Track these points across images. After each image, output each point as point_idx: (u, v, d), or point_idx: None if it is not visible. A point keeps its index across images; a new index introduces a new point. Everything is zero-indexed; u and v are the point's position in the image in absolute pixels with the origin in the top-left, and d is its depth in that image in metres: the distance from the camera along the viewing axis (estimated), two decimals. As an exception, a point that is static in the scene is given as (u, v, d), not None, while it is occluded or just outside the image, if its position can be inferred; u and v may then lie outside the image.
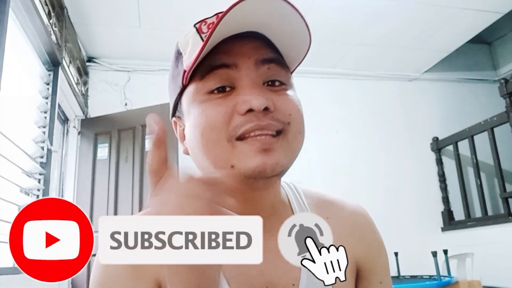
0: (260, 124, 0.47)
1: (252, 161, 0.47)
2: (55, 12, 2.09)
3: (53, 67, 2.07)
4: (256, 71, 0.50)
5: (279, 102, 0.49)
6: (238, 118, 0.47)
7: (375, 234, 0.63)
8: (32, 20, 1.71)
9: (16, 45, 1.72)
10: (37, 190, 1.87)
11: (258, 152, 0.47)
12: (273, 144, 0.47)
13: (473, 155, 3.00)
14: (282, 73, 0.52)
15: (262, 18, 0.48)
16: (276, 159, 0.47)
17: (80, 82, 2.73)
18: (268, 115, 0.47)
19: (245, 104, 0.47)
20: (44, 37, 1.85)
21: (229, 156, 0.48)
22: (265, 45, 0.51)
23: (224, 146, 0.48)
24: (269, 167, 0.47)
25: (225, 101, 0.48)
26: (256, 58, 0.50)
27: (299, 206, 0.59)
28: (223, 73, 0.49)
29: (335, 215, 0.60)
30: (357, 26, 2.79)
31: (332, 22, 2.72)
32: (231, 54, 0.49)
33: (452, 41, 3.09)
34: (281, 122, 0.48)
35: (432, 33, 2.93)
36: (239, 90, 0.49)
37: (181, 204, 0.36)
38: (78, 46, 2.67)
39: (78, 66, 2.68)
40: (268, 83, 0.51)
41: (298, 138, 0.51)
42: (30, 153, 1.82)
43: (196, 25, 0.52)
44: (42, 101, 1.95)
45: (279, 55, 0.52)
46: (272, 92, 0.50)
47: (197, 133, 0.49)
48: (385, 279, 0.61)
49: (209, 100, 0.49)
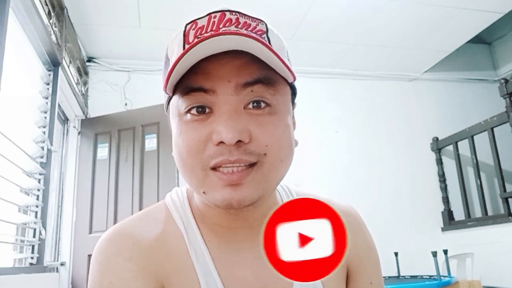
0: (229, 159, 0.46)
1: (219, 195, 0.47)
2: (55, 12, 2.09)
3: (53, 67, 2.07)
4: (237, 96, 0.47)
5: (257, 131, 0.47)
6: (211, 148, 0.47)
7: (365, 235, 0.63)
8: (32, 20, 1.71)
9: (16, 45, 1.72)
10: (37, 190, 1.87)
11: (225, 186, 0.47)
12: (242, 179, 0.47)
13: (473, 155, 3.01)
14: (269, 93, 0.48)
15: (239, 45, 0.46)
16: (243, 194, 0.47)
17: (80, 82, 2.73)
18: (241, 147, 0.46)
19: (218, 136, 0.46)
20: (44, 37, 1.85)
21: (201, 184, 0.49)
22: (251, 62, 0.48)
23: (198, 174, 0.48)
24: (235, 202, 0.47)
25: (201, 127, 0.48)
26: (237, 82, 0.47)
27: None
28: (200, 96, 0.47)
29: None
30: (357, 26, 2.79)
31: (332, 22, 2.72)
32: (211, 77, 0.47)
33: (452, 41, 3.09)
34: (255, 155, 0.47)
35: (432, 33, 2.93)
36: (216, 116, 0.47)
37: None
38: (78, 46, 2.67)
39: (78, 66, 2.68)
40: (253, 104, 0.48)
41: (277, 167, 0.49)
42: (30, 153, 1.82)
43: (187, 26, 0.50)
44: (42, 101, 1.95)
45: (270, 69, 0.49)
46: (251, 119, 0.47)
47: (177, 154, 0.50)
48: (376, 279, 0.61)
49: (187, 122, 0.49)
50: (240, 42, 0.45)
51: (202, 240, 0.54)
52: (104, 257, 0.51)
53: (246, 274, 0.53)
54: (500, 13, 2.74)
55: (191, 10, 2.41)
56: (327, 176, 3.14)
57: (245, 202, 0.47)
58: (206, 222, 0.56)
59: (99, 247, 0.52)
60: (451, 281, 2.24)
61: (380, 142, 3.36)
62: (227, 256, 0.54)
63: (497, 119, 2.76)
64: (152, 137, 2.55)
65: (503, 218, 2.70)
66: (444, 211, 3.29)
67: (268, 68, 0.49)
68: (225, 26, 0.49)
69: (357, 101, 3.45)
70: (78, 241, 2.46)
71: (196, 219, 0.56)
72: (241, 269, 0.53)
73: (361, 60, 3.31)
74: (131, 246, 0.51)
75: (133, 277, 0.49)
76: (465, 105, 3.64)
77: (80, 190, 2.57)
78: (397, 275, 2.69)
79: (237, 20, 0.50)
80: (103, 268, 0.50)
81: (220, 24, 0.49)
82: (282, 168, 0.50)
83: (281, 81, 0.51)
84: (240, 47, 0.46)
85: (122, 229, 0.54)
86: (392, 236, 3.02)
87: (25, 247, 1.79)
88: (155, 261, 0.51)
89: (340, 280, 0.58)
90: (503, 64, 3.84)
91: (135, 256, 0.51)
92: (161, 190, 2.42)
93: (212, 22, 0.49)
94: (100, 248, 0.52)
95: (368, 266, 0.61)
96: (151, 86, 2.97)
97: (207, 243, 0.54)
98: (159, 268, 0.51)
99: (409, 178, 3.33)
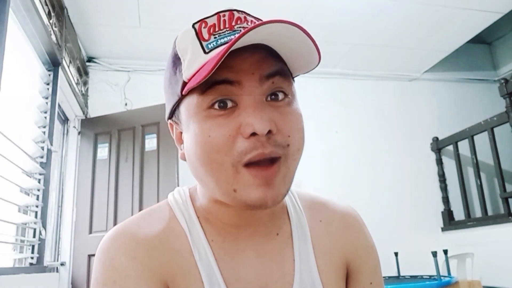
0: (264, 152, 0.46)
1: (255, 193, 0.47)
2: (55, 12, 2.09)
3: (53, 67, 2.07)
4: (260, 88, 0.48)
5: (280, 122, 0.48)
6: (242, 143, 0.46)
7: (365, 235, 0.63)
8: (32, 20, 1.71)
9: (16, 45, 1.72)
10: (37, 190, 1.87)
11: (260, 185, 0.47)
12: (274, 177, 0.47)
13: (473, 155, 3.00)
14: (286, 84, 0.50)
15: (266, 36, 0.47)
16: (277, 191, 0.48)
17: (80, 82, 2.73)
18: (271, 139, 0.47)
19: (249, 128, 0.46)
20: (44, 37, 1.85)
21: (232, 181, 0.48)
22: (269, 56, 0.49)
23: (228, 170, 0.47)
24: (270, 200, 0.47)
25: (228, 121, 0.47)
26: (261, 74, 0.48)
27: (294, 208, 0.61)
28: (225, 89, 0.47)
29: (327, 218, 0.62)
30: (357, 26, 2.79)
31: (332, 22, 2.72)
32: (234, 70, 0.47)
33: (452, 41, 3.09)
34: (281, 146, 0.48)
35: (432, 33, 2.93)
36: (241, 109, 0.47)
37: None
38: (78, 46, 2.67)
39: (78, 66, 2.68)
40: (272, 96, 0.49)
41: (296, 158, 0.50)
42: (30, 153, 1.82)
43: (196, 26, 0.50)
44: (42, 101, 1.95)
45: (283, 63, 0.51)
46: (274, 110, 0.49)
47: (200, 152, 0.48)
48: (376, 280, 0.61)
49: (211, 118, 0.48)
50: (288, 31, 0.45)
51: (205, 239, 0.54)
52: (108, 257, 0.51)
53: (248, 273, 0.53)
54: (500, 13, 2.74)
55: (191, 10, 2.41)
56: (327, 176, 3.14)
57: (278, 200, 0.48)
58: (211, 221, 0.56)
59: (103, 246, 0.52)
60: (451, 281, 2.24)
61: (380, 142, 3.36)
62: (230, 256, 0.54)
63: (497, 119, 2.76)
64: (152, 137, 2.55)
65: (503, 218, 2.70)
66: (444, 211, 3.29)
67: (282, 62, 0.51)
68: (237, 24, 0.50)
69: (357, 101, 3.45)
70: (78, 241, 2.46)
71: (200, 218, 0.56)
72: (244, 269, 0.54)
73: (361, 60, 3.31)
74: (135, 245, 0.51)
75: (137, 276, 0.49)
76: (465, 105, 3.64)
77: (80, 190, 2.57)
78: (397, 275, 2.69)
79: (245, 18, 0.51)
80: (107, 267, 0.50)
81: (232, 22, 0.50)
82: (299, 157, 0.51)
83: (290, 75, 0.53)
84: (286, 36, 0.46)
85: (126, 229, 0.53)
86: (392, 236, 3.02)
87: (25, 247, 1.79)
88: (159, 260, 0.51)
89: (340, 279, 0.58)
90: (503, 64, 3.84)
91: (139, 255, 0.51)
92: (161, 190, 2.41)
93: (223, 20, 0.50)
94: (104, 247, 0.52)
95: (368, 266, 0.61)
96: (151, 86, 2.97)
97: (211, 242, 0.54)
98: (163, 268, 0.51)
99: (409, 178, 3.33)
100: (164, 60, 3.21)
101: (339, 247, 0.60)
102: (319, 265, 0.56)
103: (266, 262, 0.55)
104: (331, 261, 0.58)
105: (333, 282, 0.57)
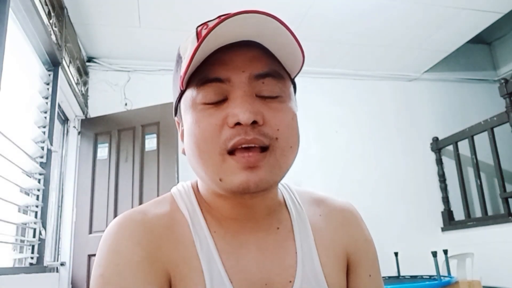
0: (246, 139, 0.48)
1: (237, 178, 0.49)
2: (55, 12, 2.09)
3: (53, 67, 2.07)
4: (249, 85, 0.50)
5: (269, 115, 0.50)
6: (227, 131, 0.49)
7: (363, 230, 0.65)
8: (32, 20, 1.71)
9: (16, 45, 1.72)
10: (37, 190, 1.87)
11: (243, 169, 0.48)
12: (259, 162, 0.49)
13: (473, 155, 3.00)
14: (278, 86, 0.52)
15: (252, 31, 0.49)
16: (260, 177, 0.49)
17: (80, 82, 2.73)
18: (256, 129, 0.49)
19: (234, 118, 0.48)
20: (44, 37, 1.85)
21: (218, 170, 0.50)
22: (262, 55, 0.52)
23: (215, 159, 0.49)
24: (252, 184, 0.48)
25: (217, 112, 0.50)
26: (251, 73, 0.50)
27: (293, 204, 0.62)
28: (217, 86, 0.50)
29: (326, 212, 0.63)
30: (357, 26, 2.79)
31: (332, 22, 2.72)
32: (225, 67, 0.50)
33: (452, 41, 3.09)
34: (268, 137, 0.49)
35: (432, 33, 2.93)
36: (230, 101, 0.50)
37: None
38: (78, 46, 2.67)
39: (78, 66, 2.68)
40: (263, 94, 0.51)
41: (287, 154, 0.51)
42: (30, 153, 1.82)
43: (198, 28, 0.54)
44: (42, 101, 1.95)
45: (278, 63, 0.53)
46: (264, 104, 0.51)
47: (192, 143, 0.52)
48: (374, 272, 0.63)
49: (203, 110, 0.51)
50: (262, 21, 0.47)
51: (207, 230, 0.55)
52: (113, 240, 0.52)
53: (250, 265, 0.54)
54: (500, 13, 2.74)
55: (191, 10, 2.41)
56: (327, 176, 3.14)
57: (262, 185, 0.49)
58: (213, 213, 0.57)
59: (109, 230, 0.53)
60: (451, 281, 2.24)
61: (380, 142, 3.36)
62: (232, 247, 0.55)
63: (497, 119, 2.76)
64: (152, 137, 2.55)
65: (503, 218, 2.70)
66: (444, 211, 3.29)
67: (276, 63, 0.52)
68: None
69: (357, 101, 3.45)
70: (78, 241, 2.46)
71: (202, 210, 0.57)
72: (245, 260, 0.55)
73: (361, 60, 3.31)
74: (141, 231, 0.52)
75: (140, 262, 0.50)
76: (465, 105, 3.64)
77: (80, 190, 2.57)
78: (397, 275, 2.69)
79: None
80: (111, 251, 0.51)
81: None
82: (291, 155, 0.52)
83: (286, 77, 0.55)
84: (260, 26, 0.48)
85: (133, 215, 0.55)
86: (392, 236, 3.02)
87: (25, 247, 1.79)
88: (163, 248, 0.52)
89: (341, 272, 0.60)
90: (503, 64, 3.84)
91: (144, 241, 0.52)
92: (161, 190, 2.41)
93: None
94: (111, 231, 0.53)
95: (367, 259, 0.63)
96: (151, 86, 2.97)
97: (213, 233, 0.55)
98: (166, 256, 0.52)
99: (409, 178, 3.33)
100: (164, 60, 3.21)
101: (339, 240, 0.61)
102: (321, 257, 0.57)
103: (268, 255, 0.56)
104: (332, 253, 0.59)
105: (335, 274, 0.58)
